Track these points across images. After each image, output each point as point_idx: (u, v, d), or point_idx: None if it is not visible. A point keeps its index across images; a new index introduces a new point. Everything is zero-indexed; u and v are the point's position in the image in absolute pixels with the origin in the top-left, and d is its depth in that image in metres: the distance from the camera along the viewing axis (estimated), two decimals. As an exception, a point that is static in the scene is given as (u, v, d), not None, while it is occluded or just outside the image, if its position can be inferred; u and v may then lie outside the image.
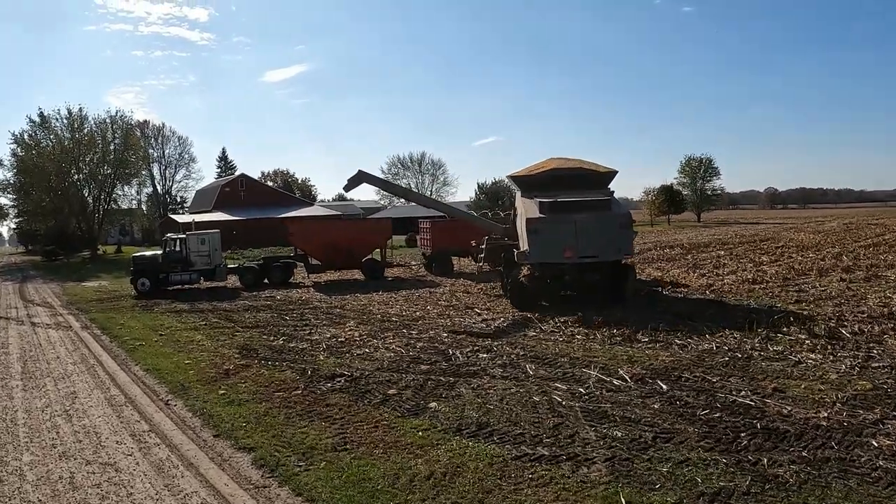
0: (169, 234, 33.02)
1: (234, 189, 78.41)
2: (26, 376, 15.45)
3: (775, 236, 57.22)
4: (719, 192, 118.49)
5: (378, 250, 35.76)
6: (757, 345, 15.13)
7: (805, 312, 18.90)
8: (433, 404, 11.72)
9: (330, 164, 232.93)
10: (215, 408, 11.98)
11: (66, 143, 60.13)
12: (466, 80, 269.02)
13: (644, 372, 13.18)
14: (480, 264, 26.92)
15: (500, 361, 14.81)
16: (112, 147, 61.63)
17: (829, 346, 14.68)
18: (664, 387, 12.05)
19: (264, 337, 18.90)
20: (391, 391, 12.67)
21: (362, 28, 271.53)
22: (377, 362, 15.14)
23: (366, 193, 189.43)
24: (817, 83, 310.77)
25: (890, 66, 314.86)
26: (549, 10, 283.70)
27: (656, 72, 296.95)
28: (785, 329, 16.56)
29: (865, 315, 18.17)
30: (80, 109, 61.28)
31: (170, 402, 12.61)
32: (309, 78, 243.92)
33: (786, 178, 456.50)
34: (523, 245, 22.30)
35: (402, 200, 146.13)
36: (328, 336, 18.55)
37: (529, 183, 23.73)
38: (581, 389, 12.16)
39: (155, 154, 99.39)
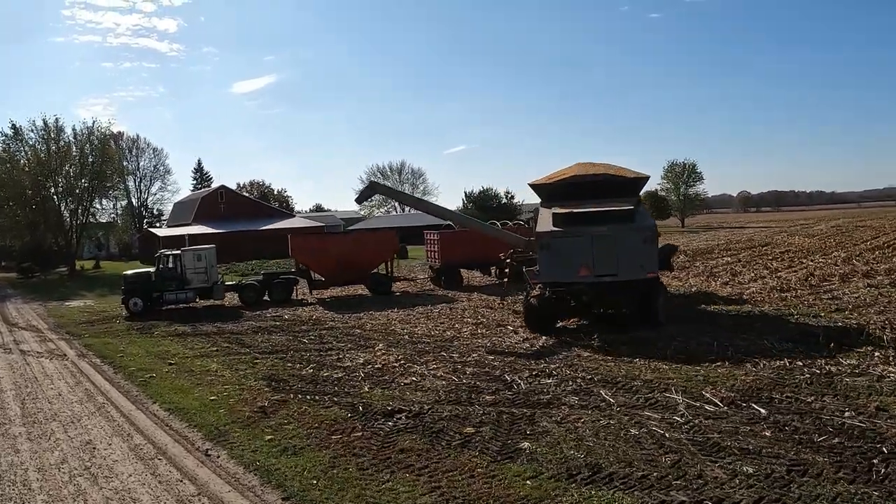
0: (162, 250, 30.78)
1: (213, 201, 75.61)
2: (28, 420, 13.36)
3: (772, 241, 56.54)
4: (703, 196, 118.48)
5: (383, 264, 33.84)
6: (829, 359, 14.36)
7: (853, 322, 18.29)
8: (525, 444, 10.19)
9: (305, 175, 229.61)
10: (269, 459, 10.12)
11: (42, 155, 57.35)
12: (436, 89, 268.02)
13: (732, 394, 12.22)
14: (506, 279, 25.01)
15: (569, 388, 13.38)
16: (90, 159, 58.90)
17: (901, 358, 13.87)
18: (762, 411, 11.12)
19: (289, 365, 17.00)
20: (468, 429, 11.03)
21: (330, 39, 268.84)
22: (432, 393, 13.44)
23: (345, 204, 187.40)
24: (786, 85, 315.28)
25: (860, 68, 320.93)
26: (515, 17, 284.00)
27: (627, 77, 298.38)
28: (846, 340, 15.92)
29: (917, 323, 17.67)
30: (57, 120, 58.71)
31: (210, 452, 10.68)
32: (279, 89, 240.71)
33: (756, 180, 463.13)
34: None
35: (384, 210, 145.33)
36: (361, 362, 16.74)
37: (548, 191, 21.63)
38: (677, 418, 11.11)
39: (130, 166, 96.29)
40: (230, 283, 32.25)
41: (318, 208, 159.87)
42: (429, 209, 26.25)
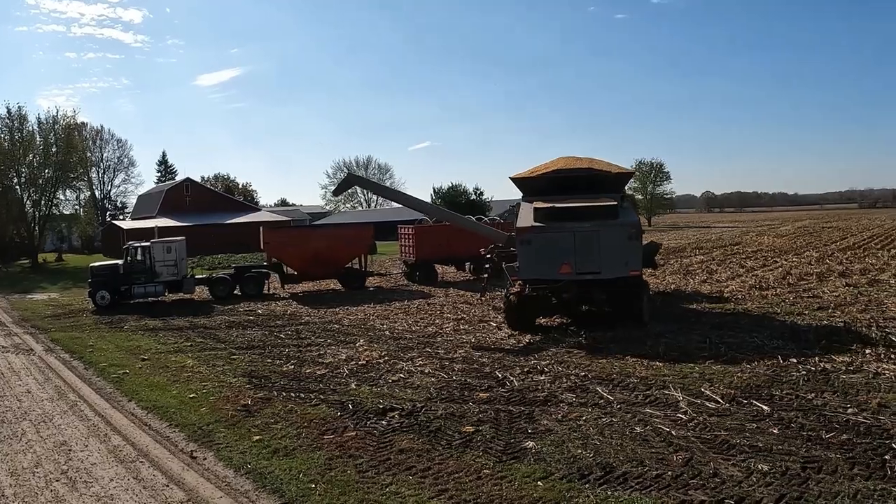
0: (131, 242, 29.66)
1: (178, 194, 74.06)
2: (-4, 420, 12.51)
3: (741, 240, 57.10)
4: (670, 196, 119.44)
5: (356, 259, 33.12)
6: (822, 357, 14.27)
7: (839, 320, 18.32)
8: (530, 443, 9.80)
9: (269, 169, 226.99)
10: (259, 461, 9.51)
11: (5, 144, 55.41)
12: (402, 84, 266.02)
13: (732, 391, 11.97)
14: (486, 275, 24.36)
15: (564, 385, 13.02)
16: (54, 149, 57.10)
17: (893, 356, 14.10)
18: (765, 408, 10.96)
19: (269, 361, 16.34)
20: (467, 428, 10.59)
21: (297, 32, 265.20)
22: (422, 390, 12.96)
23: (310, 199, 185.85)
24: (750, 87, 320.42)
25: (823, 71, 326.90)
26: (483, 15, 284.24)
27: (594, 77, 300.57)
28: (835, 338, 15.88)
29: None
30: (20, 108, 56.77)
31: (195, 453, 10.00)
32: (244, 82, 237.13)
33: (718, 180, 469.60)
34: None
35: (350, 206, 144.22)
36: (343, 358, 16.17)
37: (530, 186, 20.94)
38: (680, 415, 10.79)
39: (93, 157, 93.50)
40: (200, 276, 31.29)
41: (283, 203, 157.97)
42: (409, 203, 25.67)
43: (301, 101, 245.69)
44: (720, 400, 11.53)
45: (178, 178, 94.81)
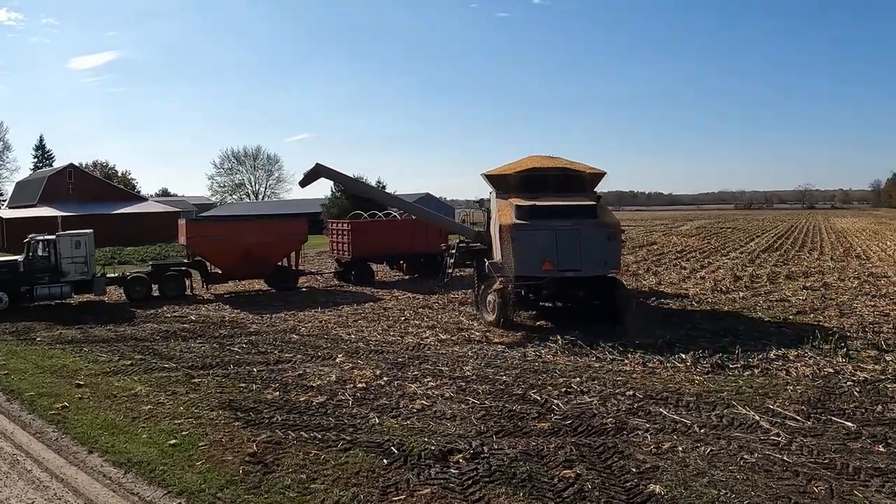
0: (33, 235, 24.99)
1: (61, 181, 67.37)
2: None
3: (654, 240, 57.71)
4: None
5: (286, 257, 29.96)
6: (852, 365, 13.94)
7: (827, 325, 18.20)
8: (655, 488, 8.18)
9: (148, 157, 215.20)
10: (330, 543, 6.99)
11: None
12: (278, 73, 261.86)
13: (801, 407, 11.25)
14: (450, 271, 22.66)
15: (621, 407, 11.51)
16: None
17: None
18: (849, 424, 10.39)
19: (242, 385, 13.31)
20: (564, 472, 8.64)
21: (175, 18, 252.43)
22: (463, 422, 10.81)
23: (193, 189, 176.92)
24: (627, 88, 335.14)
25: (695, 75, 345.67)
26: (364, 6, 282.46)
27: (474, 71, 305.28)
28: (845, 345, 15.61)
29: (893, 327, 17.89)
30: None
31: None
32: (121, 66, 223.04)
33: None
34: (496, 254, 19.48)
35: (235, 198, 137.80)
36: (333, 380, 13.57)
37: (505, 182, 20.64)
38: (774, 437, 9.90)
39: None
40: (112, 275, 27.10)
41: (165, 192, 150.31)
42: (379, 197, 23.78)
43: (178, 88, 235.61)
44: (798, 417, 10.71)
45: (57, 164, 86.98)
